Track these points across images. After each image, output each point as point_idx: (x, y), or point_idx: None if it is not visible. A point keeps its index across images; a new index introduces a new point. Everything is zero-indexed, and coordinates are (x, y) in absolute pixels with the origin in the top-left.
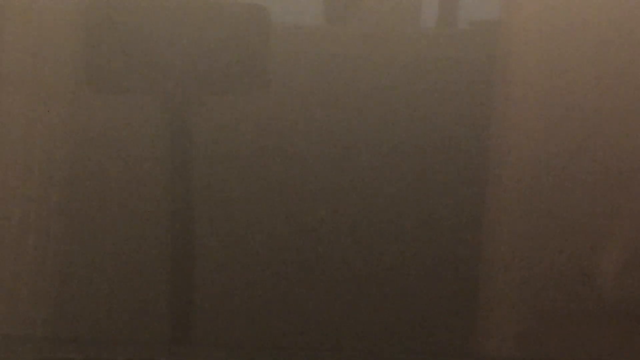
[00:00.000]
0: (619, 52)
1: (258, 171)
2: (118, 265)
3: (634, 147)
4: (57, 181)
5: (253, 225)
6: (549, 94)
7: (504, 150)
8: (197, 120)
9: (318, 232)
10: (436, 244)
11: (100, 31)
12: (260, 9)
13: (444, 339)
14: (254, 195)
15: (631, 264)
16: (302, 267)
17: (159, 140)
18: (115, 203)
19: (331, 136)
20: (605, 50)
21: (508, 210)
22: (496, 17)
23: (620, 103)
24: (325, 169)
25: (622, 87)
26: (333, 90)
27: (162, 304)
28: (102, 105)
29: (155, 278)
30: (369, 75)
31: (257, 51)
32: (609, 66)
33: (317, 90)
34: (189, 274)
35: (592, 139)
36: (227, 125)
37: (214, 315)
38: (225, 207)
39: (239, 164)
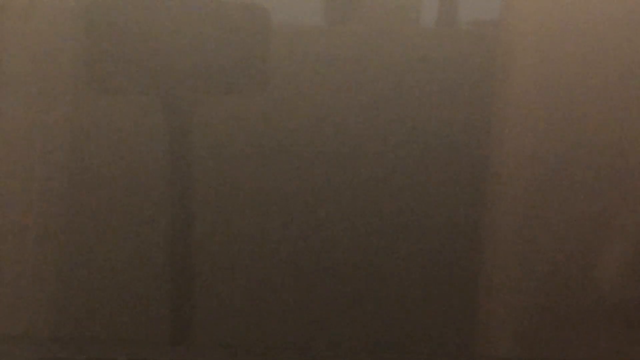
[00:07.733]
0: (619, 52)
1: (258, 171)
2: (118, 265)
3: (634, 147)
4: (57, 181)
5: (253, 225)
6: (548, 93)
7: (503, 150)
8: (197, 120)
9: (318, 232)
10: (436, 243)
11: (100, 31)
12: (260, 9)
13: (444, 339)
14: (254, 195)
15: (631, 264)
16: (302, 267)
17: (159, 140)
18: (115, 203)
19: (331, 136)
20: (605, 50)
21: (508, 210)
22: (496, 17)
23: (620, 103)
24: (325, 168)
25: (622, 87)
26: (333, 90)
27: (162, 304)
28: (102, 105)
29: (155, 278)
30: (369, 75)
31: (257, 51)
32: (608, 66)
33: (317, 90)
34: (189, 274)
35: (592, 139)
36: (227, 125)
37: (214, 315)
38: (225, 207)
39: (238, 163)
